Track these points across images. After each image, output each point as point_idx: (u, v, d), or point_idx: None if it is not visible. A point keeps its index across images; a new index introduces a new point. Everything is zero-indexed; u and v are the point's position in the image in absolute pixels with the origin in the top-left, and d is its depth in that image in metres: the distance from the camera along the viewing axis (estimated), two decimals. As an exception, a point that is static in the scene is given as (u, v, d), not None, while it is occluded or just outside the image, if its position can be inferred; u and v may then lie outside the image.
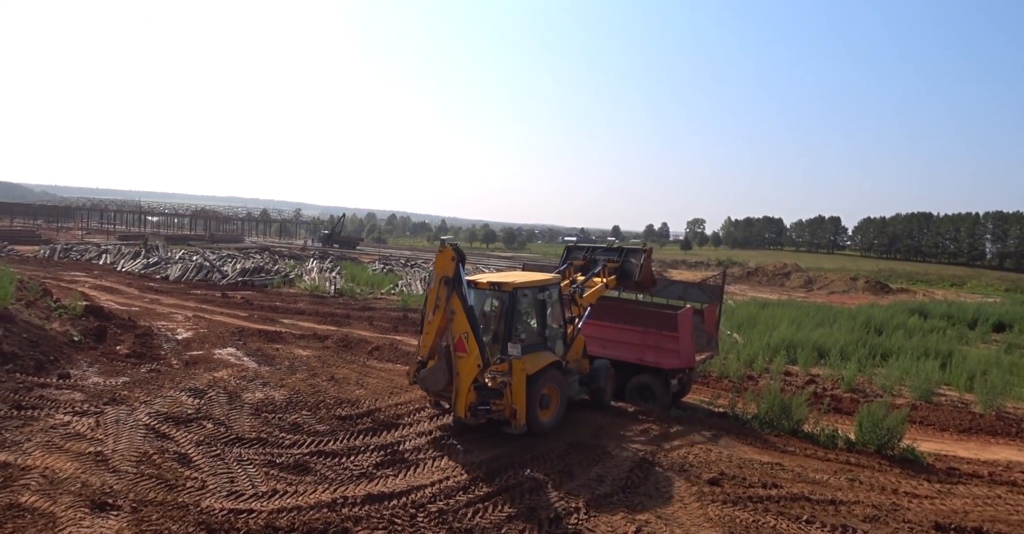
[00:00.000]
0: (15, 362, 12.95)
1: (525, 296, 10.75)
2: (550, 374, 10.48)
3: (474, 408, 9.56)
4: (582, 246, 15.11)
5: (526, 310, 11.06)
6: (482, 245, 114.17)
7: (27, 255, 38.11)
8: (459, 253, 9.66)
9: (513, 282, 10.50)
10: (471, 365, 9.47)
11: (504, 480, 8.59)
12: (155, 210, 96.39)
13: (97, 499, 7.54)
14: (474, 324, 9.50)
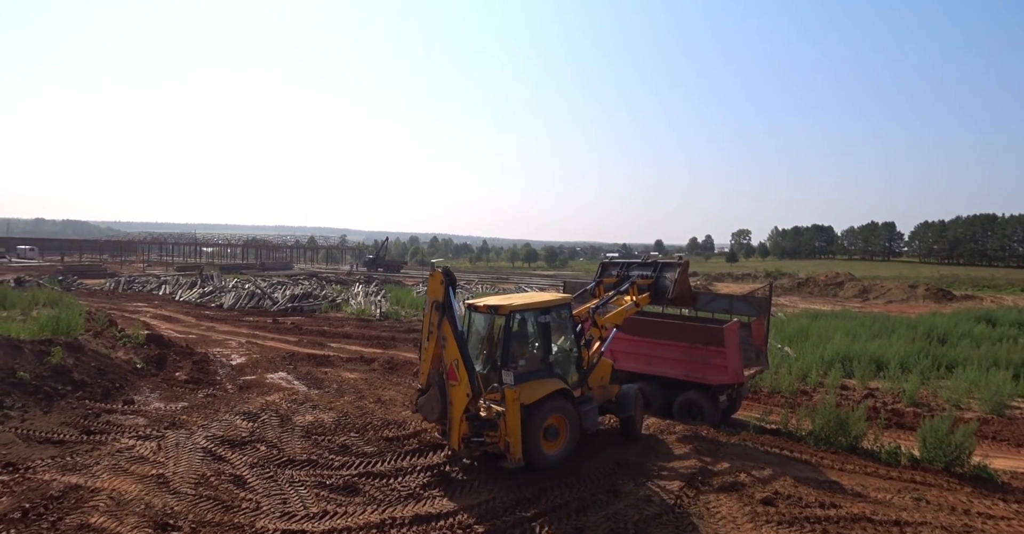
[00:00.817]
0: (84, 389, 13.71)
1: (523, 319, 9.99)
2: (555, 403, 9.60)
3: (467, 440, 9.02)
4: (617, 262, 14.18)
5: (526, 334, 10.18)
6: (524, 265, 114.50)
7: (94, 288, 40.33)
8: (448, 276, 9.32)
9: (510, 304, 9.77)
10: (462, 394, 8.99)
11: (550, 500, 8.54)
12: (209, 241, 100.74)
13: (159, 520, 7.87)
14: (463, 350, 9.04)
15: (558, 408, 9.67)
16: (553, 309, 10.30)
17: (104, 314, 21.79)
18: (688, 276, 12.84)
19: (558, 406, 9.68)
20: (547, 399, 9.49)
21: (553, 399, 9.61)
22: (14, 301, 19.43)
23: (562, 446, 9.76)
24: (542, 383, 9.67)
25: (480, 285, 49.62)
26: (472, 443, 9.07)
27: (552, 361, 10.11)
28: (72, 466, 9.60)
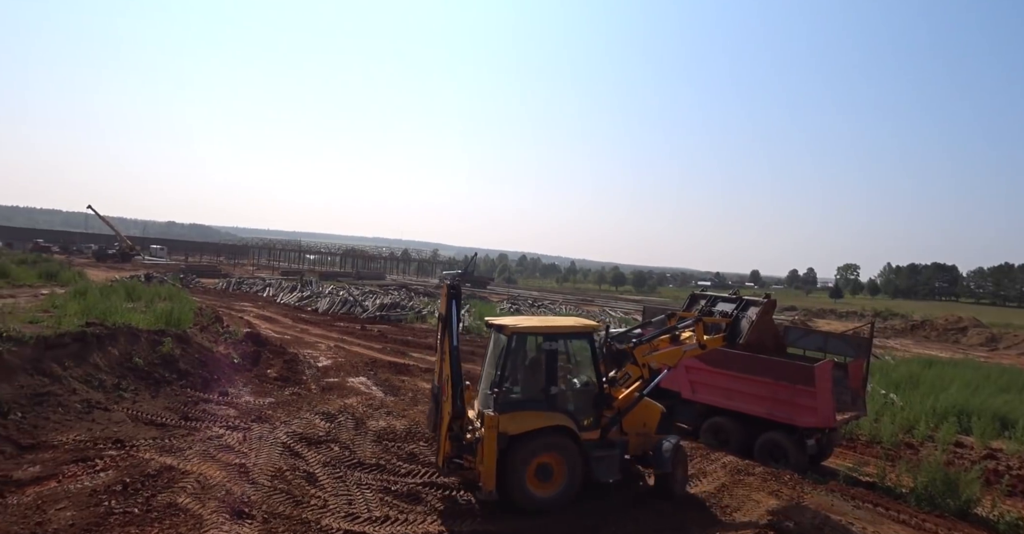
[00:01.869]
0: (187, 378, 14.91)
1: (526, 343, 9.14)
2: (549, 440, 8.62)
3: (448, 460, 8.69)
4: (707, 294, 12.81)
5: (530, 360, 9.28)
6: (611, 288, 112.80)
7: (209, 286, 44.00)
8: (453, 290, 8.85)
9: (515, 326, 9.12)
10: (447, 411, 8.66)
11: (611, 531, 8.22)
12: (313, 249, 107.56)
13: (237, 507, 8.34)
14: (454, 366, 8.61)
15: (553, 446, 8.66)
16: (565, 337, 9.31)
17: (212, 310, 23.67)
18: (770, 319, 10.82)
19: (553, 444, 8.66)
20: (538, 434, 8.56)
21: (547, 435, 8.62)
22: (140, 294, 21.57)
23: (557, 490, 8.67)
24: (536, 415, 8.74)
25: (564, 306, 49.38)
26: (452, 464, 8.74)
27: (555, 393, 8.97)
28: (169, 448, 10.43)
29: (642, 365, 9.74)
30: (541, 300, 54.58)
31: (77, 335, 13.68)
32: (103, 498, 8.42)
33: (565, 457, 8.71)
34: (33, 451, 9.85)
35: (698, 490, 9.96)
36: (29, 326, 13.12)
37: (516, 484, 8.46)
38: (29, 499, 8.28)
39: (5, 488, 8.44)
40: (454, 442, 8.62)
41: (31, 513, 7.87)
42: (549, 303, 51.66)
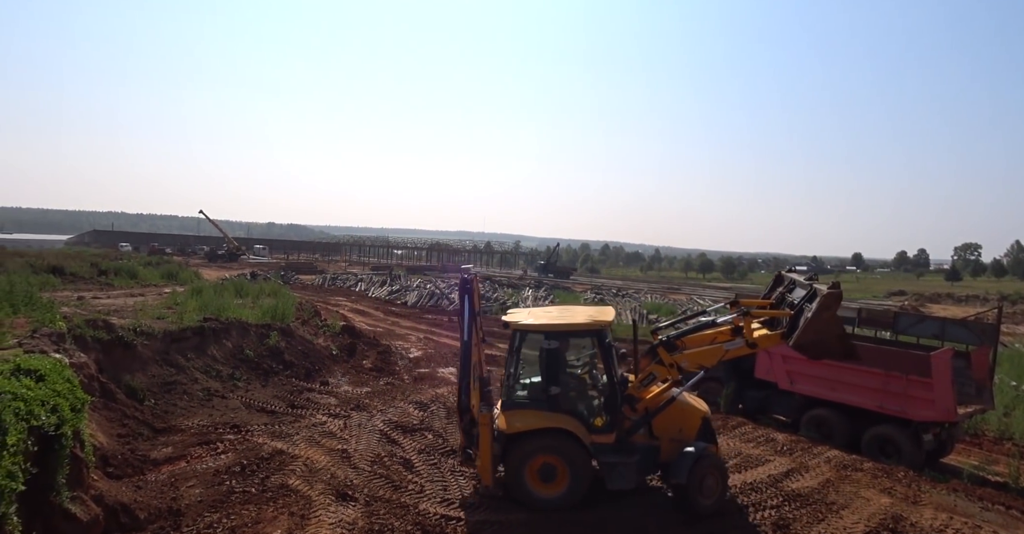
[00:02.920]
0: (292, 369, 15.94)
1: (530, 340, 8.82)
2: (547, 442, 8.33)
3: (464, 450, 8.87)
4: (791, 276, 10.38)
5: (533, 358, 8.92)
6: (698, 276, 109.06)
7: (307, 283, 46.71)
8: (466, 285, 8.78)
9: (518, 322, 8.79)
10: (459, 405, 8.82)
11: (707, 526, 8.00)
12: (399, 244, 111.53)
13: (341, 490, 8.85)
14: (463, 359, 8.65)
15: (552, 449, 8.34)
16: (569, 334, 8.80)
17: (311, 305, 25.13)
18: (833, 316, 8.24)
19: (552, 446, 8.34)
20: (535, 434, 8.33)
21: (545, 436, 8.33)
22: (247, 291, 23.25)
23: (562, 491, 8.33)
24: (536, 415, 8.48)
25: (649, 295, 48.30)
26: (466, 454, 8.84)
27: (556, 393, 8.51)
28: (279, 433, 11.22)
29: (669, 365, 8.64)
30: (625, 289, 53.66)
31: (196, 329, 14.96)
32: (225, 478, 9.21)
33: (567, 460, 8.34)
34: (165, 434, 10.92)
35: (800, 485, 9.47)
36: (157, 322, 14.49)
37: (516, 482, 8.43)
38: (164, 477, 9.19)
39: (144, 466, 9.41)
40: (466, 434, 8.74)
41: (167, 489, 8.73)
42: (634, 292, 50.71)
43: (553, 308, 10.22)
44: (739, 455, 10.76)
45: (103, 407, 10.60)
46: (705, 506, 8.17)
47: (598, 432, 8.47)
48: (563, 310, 10.03)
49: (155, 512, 7.93)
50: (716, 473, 8.34)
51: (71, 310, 14.05)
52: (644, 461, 8.45)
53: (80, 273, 25.27)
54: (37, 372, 6.90)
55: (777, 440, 11.72)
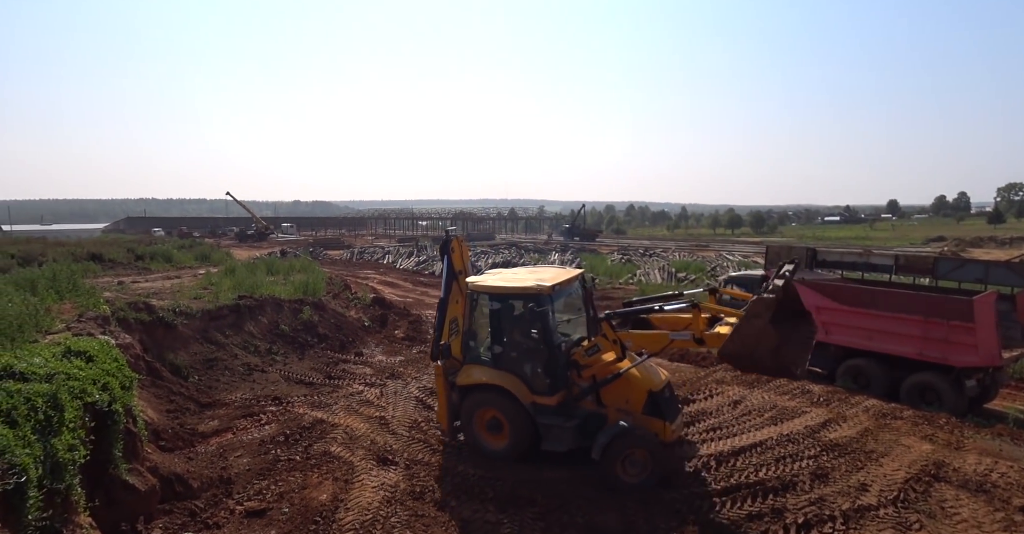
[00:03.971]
0: (326, 342, 16.30)
1: (477, 301, 9.11)
2: (487, 397, 8.79)
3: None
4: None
5: (485, 318, 9.15)
6: (726, 231, 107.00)
7: (335, 258, 47.36)
8: (445, 244, 9.73)
9: (473, 283, 9.09)
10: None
11: (745, 477, 8.03)
12: (424, 215, 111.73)
13: (381, 455, 9.11)
14: (439, 315, 9.55)
15: (492, 404, 8.80)
16: (508, 297, 8.81)
17: (340, 279, 25.49)
18: (763, 322, 6.80)
19: (492, 401, 8.79)
20: (478, 389, 8.87)
21: (486, 391, 8.81)
22: (278, 268, 23.67)
23: (505, 444, 8.77)
24: (484, 371, 8.95)
25: (677, 253, 47.73)
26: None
27: (499, 353, 8.85)
28: (318, 404, 11.56)
29: (612, 341, 8.56)
30: (653, 249, 53.11)
31: (232, 307, 15.34)
32: (270, 447, 9.56)
33: (506, 416, 8.75)
34: (211, 408, 11.34)
35: (838, 435, 9.40)
36: (195, 302, 14.88)
37: (468, 431, 9.16)
38: (213, 448, 9.58)
39: (194, 439, 9.82)
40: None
41: (216, 460, 9.11)
42: (661, 251, 50.18)
43: (521, 270, 10.38)
44: (774, 408, 10.70)
45: (150, 385, 11.03)
46: (627, 483, 7.85)
47: (541, 393, 8.60)
48: (525, 272, 10.00)
49: (207, 481, 8.30)
50: (642, 451, 7.90)
51: (113, 294, 14.50)
52: (585, 426, 8.39)
53: (118, 259, 26.01)
54: (86, 353, 7.17)
55: (813, 392, 11.61)
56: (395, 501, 7.72)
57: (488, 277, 9.58)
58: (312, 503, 7.72)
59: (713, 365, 13.97)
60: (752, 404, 10.97)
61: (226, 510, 7.64)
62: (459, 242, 10.03)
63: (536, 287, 8.53)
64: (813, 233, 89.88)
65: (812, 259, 14.83)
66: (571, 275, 9.28)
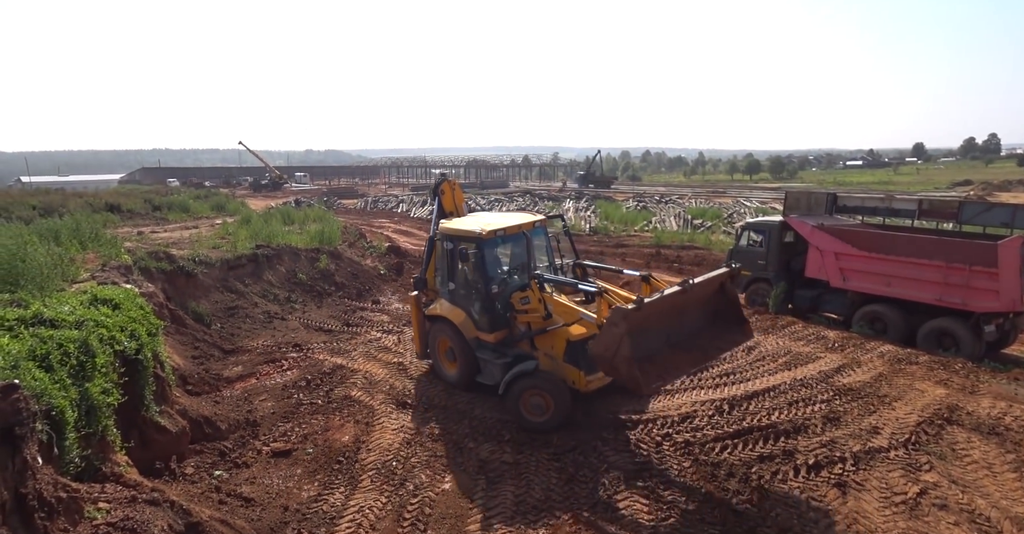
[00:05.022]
0: (344, 290, 16.51)
1: (441, 241, 9.70)
2: (440, 327, 9.66)
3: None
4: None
5: (448, 257, 9.57)
6: (744, 177, 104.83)
7: (349, 207, 47.35)
8: (436, 186, 10.76)
9: (440, 224, 9.89)
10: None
11: (757, 420, 8.17)
12: (437, 163, 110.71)
13: (400, 399, 9.38)
14: (425, 252, 10.21)
15: (447, 334, 9.57)
16: (457, 239, 9.22)
17: (355, 229, 25.59)
18: (620, 333, 6.53)
19: (446, 332, 9.57)
20: (437, 320, 9.72)
21: (442, 323, 9.62)
22: (293, 218, 23.79)
23: (456, 372, 9.62)
24: (443, 305, 9.73)
25: (694, 200, 47.02)
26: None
27: (452, 290, 9.64)
28: (337, 350, 11.83)
29: (538, 300, 8.46)
30: (669, 195, 52.34)
31: (251, 257, 15.52)
32: (293, 392, 9.87)
33: (454, 346, 9.51)
34: (234, 354, 11.67)
35: (851, 380, 9.47)
36: (213, 251, 15.06)
37: (433, 356, 10.12)
38: (238, 392, 9.92)
39: (219, 384, 10.15)
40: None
41: (242, 403, 9.44)
42: (677, 198, 49.45)
43: (486, 215, 10.68)
44: (788, 353, 10.76)
45: (175, 332, 11.32)
46: (532, 422, 8.10)
47: (481, 330, 9.17)
48: (486, 217, 10.15)
49: (234, 423, 8.63)
50: (545, 395, 8.06)
51: (133, 244, 14.71)
52: (514, 365, 8.60)
53: (136, 209, 26.26)
54: (112, 301, 7.33)
55: (828, 337, 11.63)
56: (414, 443, 8.00)
57: (451, 220, 10.12)
58: (335, 444, 8.02)
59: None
60: (766, 350, 11.03)
61: (253, 450, 7.97)
62: (451, 185, 10.81)
63: (474, 231, 8.94)
64: (834, 178, 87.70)
65: (832, 204, 14.50)
66: (521, 222, 9.34)
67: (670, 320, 7.27)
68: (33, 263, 8.12)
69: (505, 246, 9.42)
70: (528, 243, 9.39)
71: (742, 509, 6.29)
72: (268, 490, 7.02)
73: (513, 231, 9.16)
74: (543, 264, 9.59)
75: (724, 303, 7.81)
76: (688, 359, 7.28)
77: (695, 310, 7.61)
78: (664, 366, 7.01)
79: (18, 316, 5.86)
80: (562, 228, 10.32)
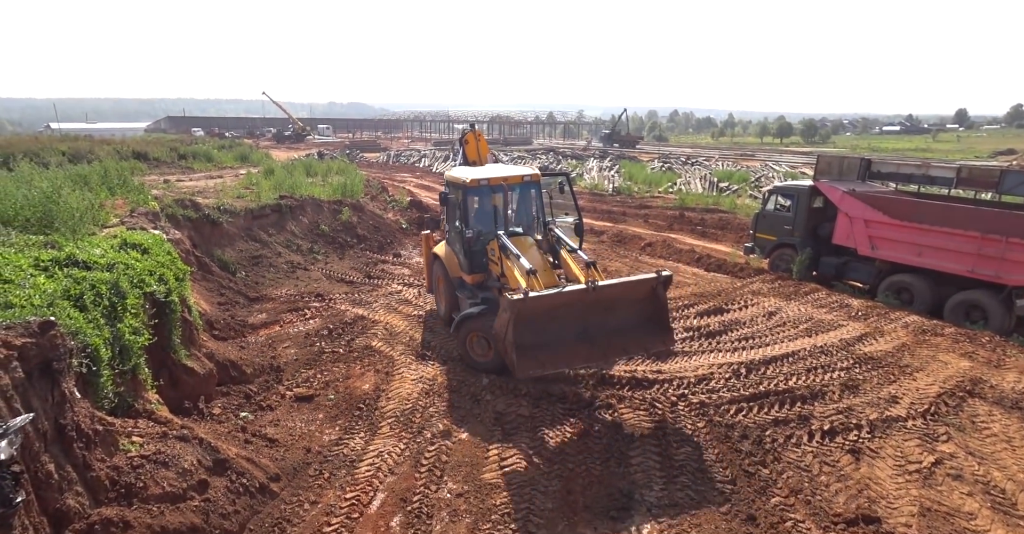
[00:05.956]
0: (365, 242, 16.63)
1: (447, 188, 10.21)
2: (441, 267, 10.36)
3: None
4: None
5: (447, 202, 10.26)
6: (775, 140, 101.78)
7: (371, 160, 47.22)
8: (461, 136, 11.20)
9: (447, 174, 10.32)
10: None
11: (774, 384, 8.17)
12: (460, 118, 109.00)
13: (419, 351, 9.55)
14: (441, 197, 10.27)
15: (441, 272, 10.31)
16: (452, 186, 9.80)
17: (378, 182, 25.55)
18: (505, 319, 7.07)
19: (441, 270, 10.30)
20: (436, 258, 10.59)
21: (439, 261, 10.40)
22: (316, 170, 23.77)
23: (443, 306, 10.52)
24: (441, 245, 10.64)
25: (721, 162, 45.94)
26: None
27: (448, 231, 10.51)
28: (359, 301, 12.00)
29: (497, 257, 8.71)
30: (695, 157, 51.18)
31: (274, 207, 15.64)
32: (315, 340, 10.09)
33: (443, 283, 10.26)
34: (258, 302, 11.91)
35: (873, 349, 9.38)
36: (238, 201, 15.19)
37: (435, 292, 10.99)
38: (263, 339, 10.17)
39: (244, 330, 10.41)
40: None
41: (266, 349, 9.70)
42: (704, 159, 48.36)
43: (492, 166, 10.79)
44: (810, 320, 10.67)
45: (202, 278, 11.56)
46: (475, 361, 8.80)
47: (463, 271, 9.67)
48: (486, 168, 10.39)
49: (259, 368, 8.88)
50: (487, 339, 8.50)
51: (160, 192, 14.88)
52: (482, 306, 8.98)
53: (162, 158, 26.44)
54: (142, 246, 7.48)
55: (852, 306, 11.48)
56: (433, 393, 8.17)
57: (453, 168, 10.57)
58: (356, 392, 8.24)
59: (750, 276, 13.84)
60: (787, 316, 10.94)
61: (277, 395, 8.22)
62: (475, 136, 11.08)
63: (461, 179, 9.36)
64: (869, 143, 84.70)
65: (865, 170, 14.04)
66: (509, 174, 9.38)
67: (584, 314, 7.52)
68: (65, 207, 8.27)
69: (493, 196, 9.31)
70: (525, 196, 9.79)
71: (753, 470, 6.37)
72: (291, 432, 7.27)
73: (496, 182, 9.18)
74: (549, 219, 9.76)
75: (653, 308, 7.87)
76: (585, 354, 7.56)
77: (624, 309, 7.79)
78: (553, 356, 7.37)
79: (52, 257, 6.01)
80: (559, 185, 10.22)
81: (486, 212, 9.54)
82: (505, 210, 9.46)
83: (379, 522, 5.66)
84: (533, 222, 9.76)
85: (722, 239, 18.62)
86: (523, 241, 8.98)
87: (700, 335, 10.09)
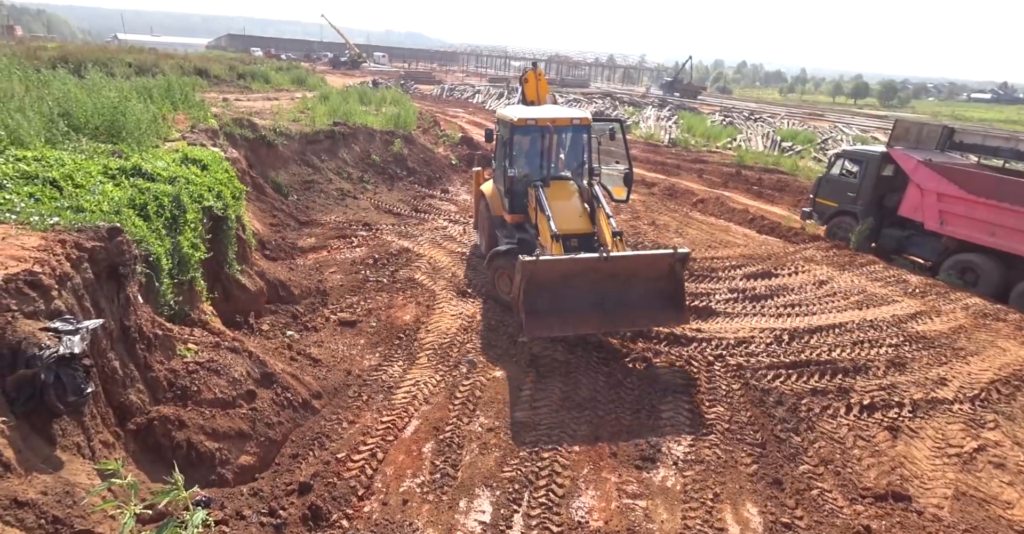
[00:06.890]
0: (415, 175, 16.64)
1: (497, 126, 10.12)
2: (485, 205, 10.31)
3: None
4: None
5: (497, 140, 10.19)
6: (848, 101, 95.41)
7: (425, 93, 46.55)
8: (522, 74, 11.00)
9: (497, 112, 10.30)
10: None
11: (816, 354, 7.99)
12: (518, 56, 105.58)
13: (461, 288, 9.67)
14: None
15: (485, 210, 10.28)
16: (501, 124, 9.75)
17: (430, 115, 25.27)
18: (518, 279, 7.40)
19: (485, 207, 10.27)
20: (482, 196, 10.56)
21: (483, 199, 10.42)
22: (370, 99, 23.57)
23: (483, 242, 10.47)
24: (487, 183, 10.65)
25: (787, 121, 43.54)
26: None
27: (495, 169, 10.45)
28: (405, 234, 12.14)
29: (533, 206, 8.74)
30: (760, 113, 48.57)
31: (328, 133, 15.68)
32: (360, 268, 10.31)
33: (486, 219, 10.21)
34: (308, 226, 12.17)
35: (927, 328, 9.03)
36: (293, 124, 15.27)
37: (479, 227, 10.90)
38: (311, 263, 10.44)
39: (294, 252, 10.70)
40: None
41: (314, 273, 9.97)
42: (769, 116, 45.88)
43: (549, 107, 10.87)
44: (862, 293, 10.29)
45: (255, 199, 11.82)
46: (501, 297, 9.03)
47: (505, 209, 9.59)
48: (540, 108, 10.33)
49: (306, 290, 9.16)
50: (508, 277, 8.71)
51: (219, 110, 15.04)
52: (519, 247, 8.88)
53: (222, 76, 26.59)
54: (201, 162, 7.62)
55: (909, 281, 11.00)
56: (471, 330, 8.32)
57: (504, 107, 10.51)
58: (397, 321, 8.45)
59: (804, 242, 13.36)
60: (839, 286, 10.58)
61: (322, 317, 8.51)
62: (536, 74, 10.84)
63: (509, 117, 9.20)
64: (952, 111, 78.62)
65: (947, 139, 13.08)
66: (559, 115, 9.23)
67: (600, 284, 7.50)
68: (132, 118, 8.44)
69: (539, 137, 9.22)
70: (575, 140, 9.57)
71: (785, 436, 6.34)
72: (334, 354, 7.55)
73: (544, 123, 8.96)
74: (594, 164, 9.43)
75: (670, 284, 7.71)
76: (596, 323, 7.59)
77: (642, 284, 7.70)
78: (562, 320, 7.44)
79: (119, 166, 6.19)
80: (610, 131, 9.68)
81: (532, 153, 9.40)
82: (550, 153, 9.31)
83: (412, 447, 5.91)
84: (581, 168, 9.51)
85: (779, 201, 17.91)
86: (566, 186, 8.96)
87: (744, 298, 9.88)
